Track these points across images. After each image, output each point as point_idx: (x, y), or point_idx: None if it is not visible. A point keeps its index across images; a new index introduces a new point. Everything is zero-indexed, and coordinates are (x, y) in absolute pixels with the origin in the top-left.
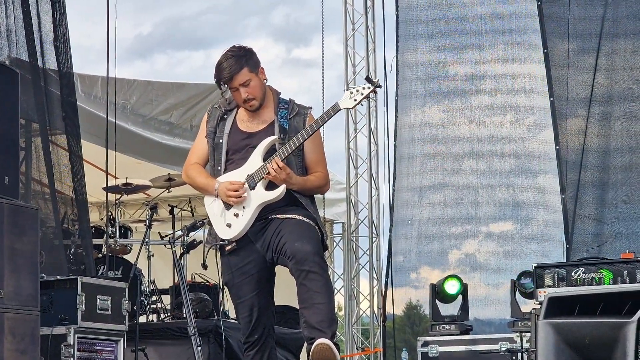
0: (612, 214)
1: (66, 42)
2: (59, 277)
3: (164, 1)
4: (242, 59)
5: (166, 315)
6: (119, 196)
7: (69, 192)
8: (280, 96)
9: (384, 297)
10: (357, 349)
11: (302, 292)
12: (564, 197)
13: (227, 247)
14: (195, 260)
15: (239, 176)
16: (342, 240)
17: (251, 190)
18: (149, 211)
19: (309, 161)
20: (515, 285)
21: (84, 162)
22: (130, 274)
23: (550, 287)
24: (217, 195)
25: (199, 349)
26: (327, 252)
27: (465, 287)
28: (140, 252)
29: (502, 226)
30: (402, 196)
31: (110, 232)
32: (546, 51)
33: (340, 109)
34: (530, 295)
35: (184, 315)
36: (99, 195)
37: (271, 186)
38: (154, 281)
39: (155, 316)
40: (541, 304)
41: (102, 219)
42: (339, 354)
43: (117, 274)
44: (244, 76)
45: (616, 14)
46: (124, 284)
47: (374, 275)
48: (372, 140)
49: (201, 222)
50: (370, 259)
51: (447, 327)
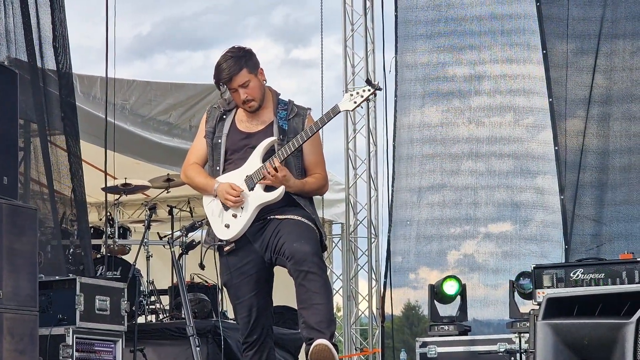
0: (610, 215)
1: (65, 43)
2: (57, 277)
3: (163, 1)
4: (241, 60)
5: (165, 315)
6: (117, 196)
7: (67, 193)
8: (279, 97)
9: (383, 298)
10: (356, 350)
11: (300, 292)
12: (562, 197)
13: (226, 248)
14: (194, 260)
15: (237, 176)
16: (340, 240)
17: (250, 191)
18: (148, 211)
19: (308, 163)
20: (513, 285)
21: (83, 162)
22: (129, 274)
23: (548, 287)
24: (215, 195)
25: (198, 349)
26: (325, 252)
27: (463, 287)
28: (139, 253)
29: (501, 227)
30: (401, 197)
31: (109, 233)
32: (545, 52)
33: (339, 111)
34: (529, 296)
35: (183, 315)
36: (97, 195)
37: (270, 187)
38: (153, 281)
39: (154, 316)
40: (540, 304)
41: (101, 220)
42: (338, 354)
43: (116, 275)
44: (243, 77)
45: (615, 14)
46: (123, 284)
47: (373, 275)
48: (371, 140)
49: (200, 223)
50: (369, 260)
51: (446, 327)
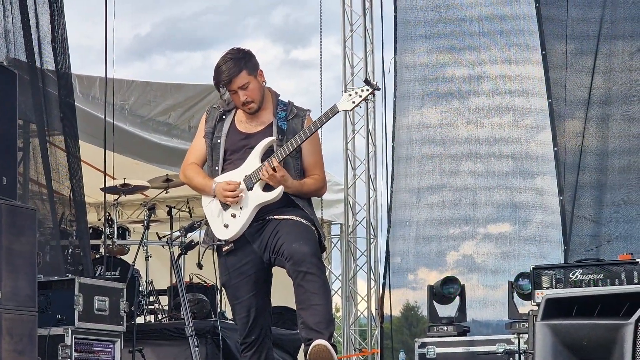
0: (609, 216)
1: (64, 43)
2: (56, 277)
3: (162, 2)
4: (241, 61)
5: (164, 315)
6: (116, 197)
7: (66, 193)
8: (279, 98)
9: (382, 298)
10: (355, 350)
11: (299, 293)
12: (561, 198)
13: (225, 248)
14: (192, 261)
15: (236, 177)
16: (339, 241)
17: (249, 191)
18: (147, 212)
19: (307, 164)
20: (512, 286)
21: (82, 162)
22: (128, 274)
23: (547, 288)
24: (214, 195)
25: (197, 349)
26: (324, 253)
27: (462, 288)
28: (138, 253)
29: (500, 227)
30: (400, 197)
31: (108, 233)
32: (544, 53)
33: (338, 111)
34: (527, 296)
35: (182, 315)
36: (96, 195)
37: (269, 187)
38: (152, 282)
39: (152, 317)
40: (539, 305)
41: (100, 220)
42: (337, 355)
43: (115, 275)
44: (242, 79)
45: (614, 15)
46: (122, 284)
47: (372, 276)
48: (370, 141)
49: (199, 223)
50: (367, 260)
51: (445, 328)
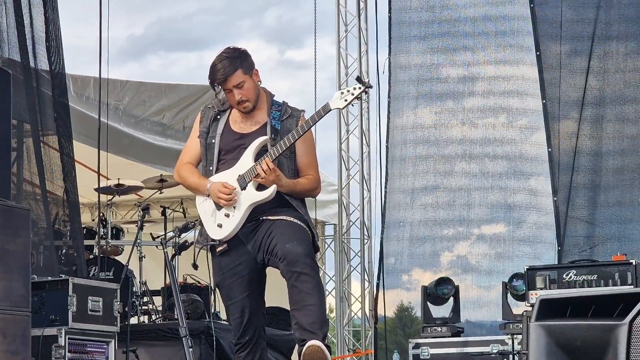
0: (603, 217)
1: (58, 43)
2: (50, 278)
3: (157, 2)
4: (236, 60)
5: (157, 316)
6: (110, 197)
7: (60, 193)
8: (273, 98)
9: (376, 299)
10: (349, 351)
11: (293, 293)
12: (555, 199)
13: (218, 248)
14: (186, 261)
15: (230, 176)
16: (333, 241)
17: (242, 190)
18: (141, 212)
19: (301, 164)
20: (506, 287)
21: (76, 162)
22: (121, 275)
23: (541, 289)
24: (208, 195)
25: (191, 350)
26: (318, 253)
27: (456, 289)
28: (131, 253)
29: (494, 228)
30: (394, 198)
31: (101, 233)
32: (538, 53)
33: (331, 109)
34: (521, 297)
35: (176, 316)
36: (90, 196)
37: (262, 186)
38: (146, 282)
39: (146, 317)
40: (533, 306)
41: (93, 220)
42: (330, 355)
43: (109, 275)
44: (238, 78)
45: (608, 16)
46: (116, 285)
47: (366, 277)
48: (364, 141)
49: (193, 224)
50: (361, 261)
51: (439, 329)
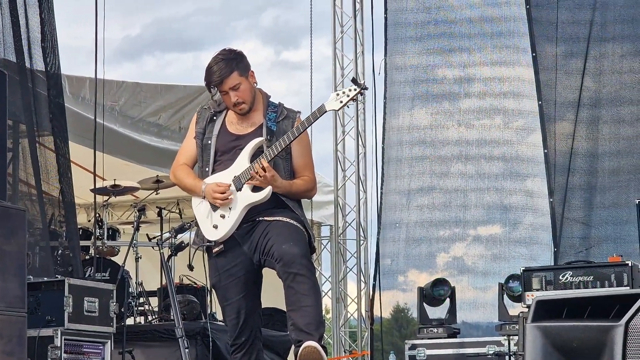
0: (599, 218)
1: (54, 43)
2: (46, 278)
3: (152, 3)
4: (232, 62)
5: (154, 317)
6: (107, 198)
7: (56, 194)
8: (269, 99)
9: (372, 300)
10: (345, 352)
11: (289, 294)
12: (552, 200)
13: (215, 249)
14: (183, 262)
15: (226, 177)
16: (329, 242)
17: (238, 191)
18: (137, 213)
19: (297, 165)
20: (503, 288)
21: (72, 163)
22: (117, 275)
23: (538, 290)
24: (204, 196)
25: (187, 351)
26: (314, 254)
27: (453, 290)
28: (128, 254)
29: (490, 229)
30: (390, 199)
31: (98, 234)
32: (534, 55)
33: (326, 111)
34: (518, 298)
35: (172, 317)
36: (86, 196)
37: (258, 188)
38: (142, 283)
39: (142, 318)
40: (529, 307)
41: (89, 221)
42: (327, 356)
43: (105, 276)
44: (234, 80)
45: (604, 17)
46: (112, 285)
47: (362, 278)
48: (360, 142)
49: (189, 224)
50: (357, 262)
51: (435, 330)
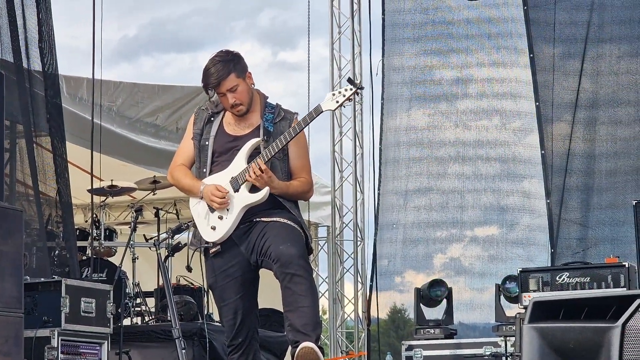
0: (596, 219)
1: (51, 44)
2: (42, 279)
3: (150, 3)
4: (229, 64)
5: (150, 317)
6: (104, 198)
7: (53, 194)
8: (267, 100)
9: (369, 301)
10: (342, 353)
11: (286, 295)
12: (549, 201)
13: (212, 250)
14: (180, 262)
15: (223, 178)
16: (326, 243)
17: (235, 192)
18: (134, 213)
19: (294, 167)
20: (499, 289)
21: (69, 163)
22: (114, 276)
23: (534, 291)
24: (201, 197)
25: (183, 351)
26: (311, 255)
27: (450, 291)
28: (125, 255)
29: (487, 230)
30: (387, 200)
31: (95, 235)
32: (532, 56)
33: (322, 111)
34: (514, 299)
35: (169, 317)
36: (83, 197)
37: (255, 188)
38: (139, 284)
39: (139, 319)
40: (526, 308)
41: (86, 221)
42: (323, 357)
43: (102, 277)
44: (231, 82)
45: (602, 18)
46: (109, 286)
47: (359, 279)
48: (358, 143)
49: (186, 225)
50: (354, 263)
51: (432, 331)
